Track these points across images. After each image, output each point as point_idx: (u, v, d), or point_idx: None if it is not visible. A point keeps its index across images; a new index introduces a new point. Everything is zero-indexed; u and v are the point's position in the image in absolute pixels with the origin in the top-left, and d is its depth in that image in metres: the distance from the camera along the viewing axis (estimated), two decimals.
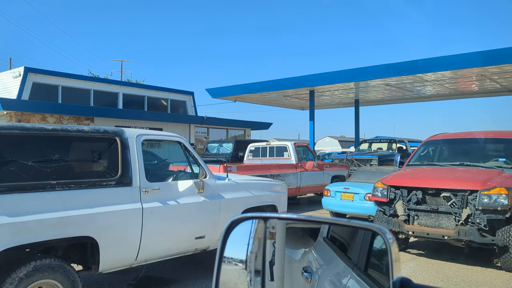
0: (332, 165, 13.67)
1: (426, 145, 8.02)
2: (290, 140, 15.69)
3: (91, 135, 4.20)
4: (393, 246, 0.83)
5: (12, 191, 3.47)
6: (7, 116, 17.62)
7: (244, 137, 27.26)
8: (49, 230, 3.62)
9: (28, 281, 3.47)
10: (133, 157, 4.38)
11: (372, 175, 9.32)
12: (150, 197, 4.44)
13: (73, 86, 21.21)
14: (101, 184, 4.08)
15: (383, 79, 15.72)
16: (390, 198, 6.50)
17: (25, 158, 3.65)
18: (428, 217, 6.15)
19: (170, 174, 5.40)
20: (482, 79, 15.53)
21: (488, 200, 5.55)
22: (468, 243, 5.80)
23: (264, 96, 20.14)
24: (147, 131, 5.03)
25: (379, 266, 1.16)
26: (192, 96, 27.11)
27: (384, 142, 19.21)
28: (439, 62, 13.54)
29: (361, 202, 8.73)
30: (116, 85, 23.88)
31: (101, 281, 5.37)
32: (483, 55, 12.77)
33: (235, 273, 1.29)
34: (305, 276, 1.66)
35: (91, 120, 19.93)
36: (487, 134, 7.47)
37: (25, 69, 19.25)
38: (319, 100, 21.03)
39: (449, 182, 6.03)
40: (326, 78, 16.51)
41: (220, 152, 16.06)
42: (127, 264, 4.36)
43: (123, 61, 39.88)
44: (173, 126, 22.66)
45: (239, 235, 1.23)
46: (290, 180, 11.23)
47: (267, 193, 6.06)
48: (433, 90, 18.22)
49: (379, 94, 19.82)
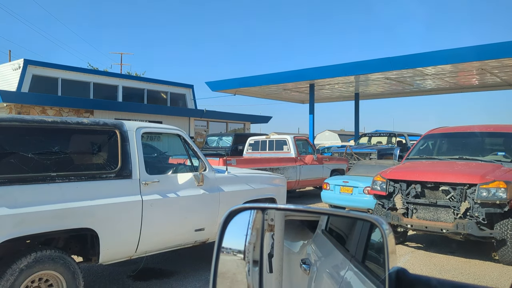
0: (332, 159, 13.69)
1: (425, 139, 8.04)
2: (290, 133, 15.70)
3: (90, 127, 4.20)
4: (389, 237, 0.84)
5: (12, 183, 3.48)
6: (7, 108, 17.61)
7: (244, 131, 27.25)
8: (49, 222, 3.64)
9: (29, 272, 3.50)
10: (132, 149, 4.39)
11: (371, 168, 9.34)
12: (149, 190, 4.46)
13: (72, 78, 21.16)
14: (101, 176, 4.09)
15: (383, 73, 15.69)
16: (389, 191, 6.52)
17: (25, 150, 3.66)
18: (427, 210, 6.17)
19: (169, 167, 5.41)
20: (483, 73, 15.51)
21: (487, 193, 5.57)
22: (466, 236, 5.83)
23: (264, 90, 20.11)
24: (146, 123, 5.04)
25: (377, 258, 1.17)
26: (191, 89, 27.06)
27: (383, 136, 19.21)
28: (440, 55, 13.51)
29: (360, 196, 8.75)
30: (116, 77, 23.82)
31: (101, 273, 5.41)
32: (483, 49, 12.75)
33: (234, 263, 1.31)
34: (304, 268, 1.67)
35: (91, 112, 19.91)
36: (486, 128, 7.48)
37: (24, 61, 19.19)
38: (319, 94, 21.00)
39: (448, 175, 6.05)
40: (326, 72, 16.48)
41: (220, 146, 16.07)
42: (127, 256, 4.38)
43: (122, 54, 39.71)
44: (172, 119, 22.64)
45: (238, 226, 1.24)
46: (290, 173, 11.25)
47: (266, 186, 6.08)
48: (433, 84, 18.20)
49: (379, 88, 19.80)
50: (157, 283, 5.04)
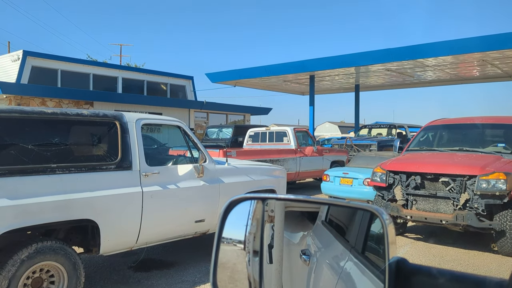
0: (332, 151, 13.69)
1: (425, 130, 8.03)
2: (290, 125, 15.68)
3: (90, 119, 4.20)
4: (389, 227, 0.84)
5: (12, 174, 3.48)
6: (7, 99, 17.57)
7: (244, 122, 27.23)
8: (50, 213, 3.65)
9: (30, 263, 3.51)
10: (132, 141, 4.39)
11: (371, 160, 9.34)
12: (150, 181, 4.46)
13: (72, 70, 21.09)
14: (101, 167, 4.09)
15: (383, 64, 15.63)
16: (389, 183, 6.53)
17: (25, 141, 3.66)
18: (427, 202, 6.19)
19: (170, 158, 5.42)
20: (483, 64, 15.45)
21: (487, 185, 5.58)
22: (465, 227, 5.84)
23: (264, 81, 20.05)
24: (146, 115, 5.03)
25: (376, 248, 1.17)
26: (191, 81, 27.00)
27: (383, 127, 19.21)
28: (441, 46, 13.46)
29: (360, 187, 8.76)
30: (116, 69, 23.75)
31: (102, 263, 5.43)
32: (485, 40, 12.69)
33: (234, 254, 1.31)
34: (304, 258, 1.68)
35: (91, 104, 19.87)
36: (486, 120, 7.47)
37: (23, 52, 19.12)
38: (319, 85, 20.94)
39: (448, 167, 6.06)
40: (327, 63, 16.42)
41: (220, 137, 16.06)
42: (127, 247, 4.40)
43: (122, 45, 39.62)
44: (172, 110, 22.60)
45: (238, 216, 1.24)
46: (290, 165, 11.25)
47: (266, 177, 6.09)
48: (434, 75, 18.14)
49: (380, 79, 19.74)
50: (158, 273, 5.07)
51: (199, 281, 4.83)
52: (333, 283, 1.37)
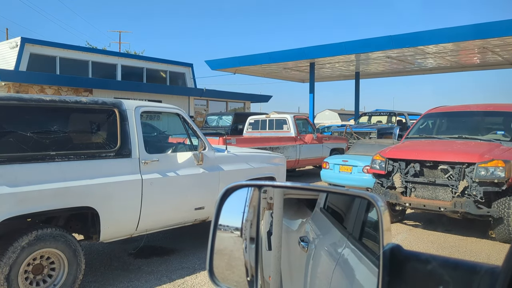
0: (331, 138, 13.69)
1: (425, 118, 8.03)
2: (290, 113, 15.66)
3: (89, 106, 4.19)
4: (384, 214, 0.84)
5: (12, 161, 3.49)
6: (5, 87, 17.50)
7: (244, 110, 27.17)
8: (50, 200, 3.66)
9: (30, 250, 3.54)
10: (132, 128, 4.38)
11: (371, 148, 9.35)
12: (149, 169, 4.47)
13: (71, 57, 20.96)
14: (100, 155, 4.10)
15: (384, 51, 15.55)
16: (388, 170, 6.55)
17: (24, 129, 3.65)
18: (425, 189, 6.21)
19: (169, 146, 5.42)
20: (484, 52, 15.37)
21: (485, 172, 5.59)
22: (464, 214, 5.88)
23: (264, 69, 19.96)
24: (145, 102, 5.02)
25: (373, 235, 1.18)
26: (191, 68, 26.86)
27: (383, 115, 19.19)
28: (441, 34, 13.37)
29: (360, 175, 8.78)
30: (115, 56, 23.59)
31: (102, 250, 5.48)
32: (486, 27, 12.61)
33: (231, 241, 1.32)
34: (302, 245, 1.69)
35: (90, 91, 19.79)
36: (486, 107, 7.46)
37: (22, 39, 18.98)
38: (320, 73, 20.86)
39: (447, 154, 6.07)
40: (327, 50, 16.33)
41: (220, 125, 16.04)
42: (127, 234, 4.43)
43: (121, 32, 39.34)
44: (172, 98, 22.52)
45: (235, 203, 1.25)
46: (289, 152, 11.27)
47: (266, 165, 6.10)
48: (434, 62, 18.06)
49: (380, 67, 19.66)
50: (158, 260, 5.11)
51: (199, 267, 4.87)
52: (330, 269, 1.38)
